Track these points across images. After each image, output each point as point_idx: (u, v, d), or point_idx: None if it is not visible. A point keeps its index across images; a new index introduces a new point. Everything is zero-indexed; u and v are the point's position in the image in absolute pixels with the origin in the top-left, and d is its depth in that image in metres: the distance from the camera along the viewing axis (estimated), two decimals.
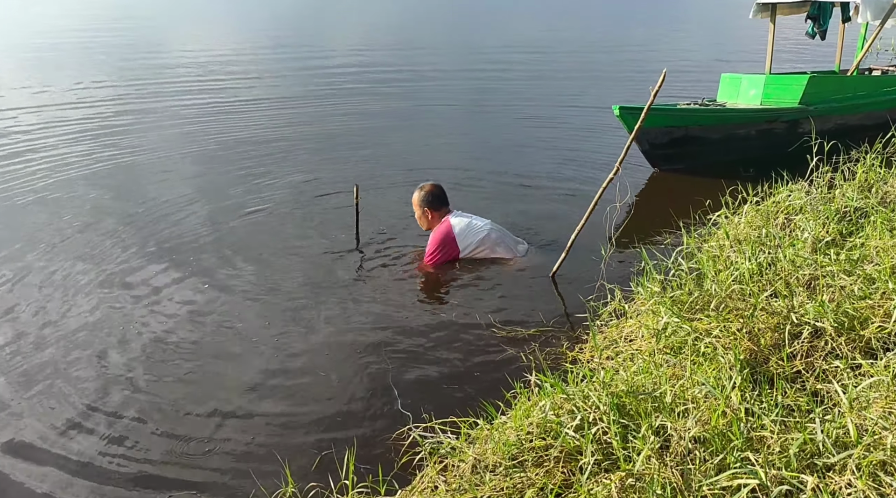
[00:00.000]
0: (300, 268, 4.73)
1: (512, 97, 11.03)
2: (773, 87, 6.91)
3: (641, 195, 6.22)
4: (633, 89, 10.57)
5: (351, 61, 15.34)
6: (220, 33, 22.15)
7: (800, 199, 4.60)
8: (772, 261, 3.67)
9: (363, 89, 11.92)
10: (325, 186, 6.41)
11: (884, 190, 4.66)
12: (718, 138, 6.72)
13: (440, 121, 9.50)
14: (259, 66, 15.06)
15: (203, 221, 5.59)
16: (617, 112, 6.24)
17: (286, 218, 5.69)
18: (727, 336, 2.91)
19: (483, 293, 4.35)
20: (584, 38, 18.10)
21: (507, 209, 5.78)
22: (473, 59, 15.28)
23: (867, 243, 3.70)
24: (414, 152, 7.74)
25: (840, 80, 7.33)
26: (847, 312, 2.91)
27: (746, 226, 4.42)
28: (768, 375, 2.77)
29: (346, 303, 4.25)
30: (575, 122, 8.83)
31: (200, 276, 4.64)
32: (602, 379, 2.62)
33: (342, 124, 9.23)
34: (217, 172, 7.02)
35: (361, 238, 5.11)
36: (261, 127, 9.11)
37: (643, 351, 3.14)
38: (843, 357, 2.71)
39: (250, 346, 3.80)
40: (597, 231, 4.63)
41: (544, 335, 3.80)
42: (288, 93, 11.77)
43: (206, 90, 11.98)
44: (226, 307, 4.22)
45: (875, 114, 7.03)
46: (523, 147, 7.85)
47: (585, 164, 6.96)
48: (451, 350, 3.72)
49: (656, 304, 3.35)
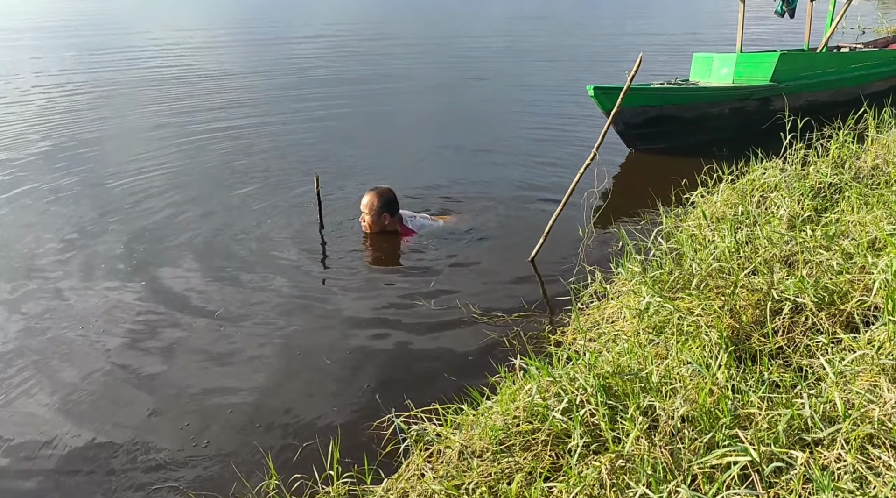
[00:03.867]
0: (271, 263, 4.63)
1: (483, 82, 10.95)
2: (744, 66, 6.94)
3: (618, 176, 6.22)
4: (605, 71, 10.57)
5: (320, 50, 15.12)
6: (188, 27, 21.67)
7: (774, 177, 4.62)
8: (749, 238, 3.68)
9: (330, 78, 11.75)
10: (290, 180, 6.29)
11: (857, 165, 4.70)
12: (692, 117, 6.74)
13: (409, 110, 9.40)
14: (222, 59, 14.77)
15: (169, 221, 5.47)
16: (591, 92, 6.22)
17: (244, 211, 5.57)
18: (709, 314, 2.91)
19: (462, 279, 4.30)
20: (554, 21, 18.03)
21: (482, 194, 5.74)
22: (443, 44, 15.15)
23: (843, 218, 3.73)
24: (382, 142, 7.65)
25: (810, 58, 7.38)
26: (826, 287, 2.92)
27: (723, 204, 4.44)
28: (751, 352, 2.77)
29: (322, 294, 4.17)
30: (549, 104, 8.79)
31: (173, 272, 4.54)
32: (587, 361, 2.60)
33: (311, 123, 9.08)
34: (181, 176, 6.86)
35: (331, 232, 5.03)
36: (220, 120, 8.92)
37: (626, 332, 3.12)
38: (825, 332, 2.72)
39: (225, 340, 3.72)
40: (575, 214, 4.62)
41: (526, 319, 3.78)
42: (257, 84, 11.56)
43: (174, 86, 11.72)
44: (199, 304, 4.12)
45: (845, 90, 7.11)
46: (497, 131, 7.80)
47: (561, 147, 6.94)
48: (432, 337, 3.67)
49: (637, 284, 3.34)
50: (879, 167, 4.62)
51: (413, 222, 5.03)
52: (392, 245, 4.87)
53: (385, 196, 4.89)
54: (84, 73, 12.47)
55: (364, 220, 4.93)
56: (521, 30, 16.48)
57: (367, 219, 4.91)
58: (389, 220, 4.91)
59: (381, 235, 4.94)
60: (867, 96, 6.16)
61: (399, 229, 4.97)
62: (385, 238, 4.94)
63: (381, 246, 4.88)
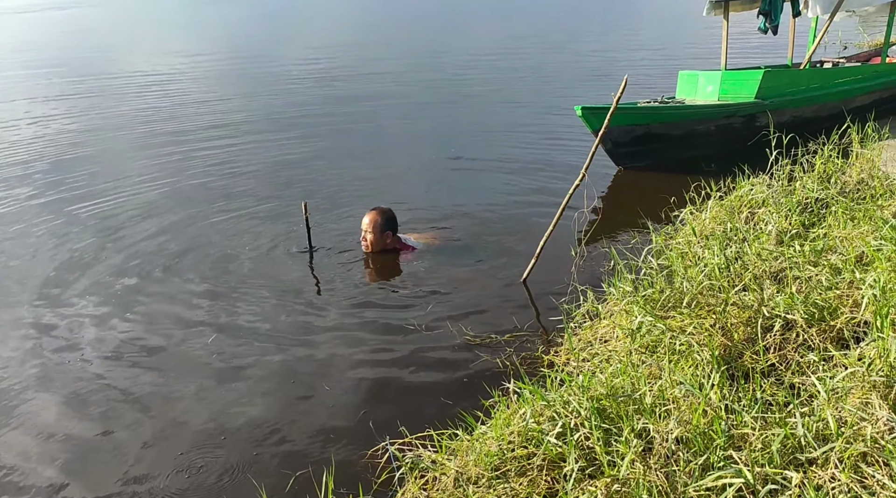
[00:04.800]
0: (263, 289, 4.62)
1: (471, 101, 11.02)
2: (729, 83, 7.02)
3: (608, 195, 6.25)
4: (593, 90, 10.66)
5: (309, 70, 15.20)
6: (173, 52, 21.78)
7: (762, 193, 4.66)
8: (739, 255, 3.70)
9: (318, 98, 11.80)
10: (282, 203, 6.30)
11: (842, 180, 4.75)
12: (679, 134, 6.80)
13: (397, 129, 9.43)
14: (209, 82, 14.82)
15: (158, 247, 5.46)
16: (579, 112, 6.27)
17: (234, 235, 5.56)
18: (701, 332, 2.92)
19: (455, 301, 4.30)
20: (541, 41, 18.21)
21: (473, 216, 5.76)
22: (430, 63, 15.26)
23: (830, 233, 3.77)
24: (370, 164, 7.66)
25: (793, 74, 7.48)
26: (816, 303, 2.94)
27: (712, 221, 4.46)
28: (743, 369, 2.78)
29: (314, 320, 4.16)
30: (537, 123, 8.85)
31: (163, 300, 4.52)
32: (581, 383, 2.60)
33: (300, 144, 9.11)
34: (166, 197, 6.86)
35: (322, 256, 5.04)
36: (212, 149, 8.94)
37: (619, 351, 3.13)
38: (816, 349, 2.74)
39: (218, 368, 3.70)
40: (566, 234, 4.63)
41: (519, 340, 3.77)
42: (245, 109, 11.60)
43: (161, 110, 11.74)
44: (191, 332, 4.10)
45: (829, 105, 7.20)
46: (485, 150, 7.83)
47: (551, 166, 6.97)
48: (426, 361, 3.67)
49: (629, 303, 3.35)
50: (864, 181, 4.67)
51: (411, 243, 5.07)
52: (385, 267, 4.87)
53: (387, 214, 4.96)
54: (68, 99, 12.48)
55: (366, 238, 4.95)
56: (507, 49, 16.63)
57: (369, 238, 4.93)
58: (391, 239, 4.96)
59: (375, 257, 4.95)
60: (850, 111, 6.24)
61: (399, 247, 5.01)
62: (379, 260, 4.94)
63: (375, 268, 4.88)
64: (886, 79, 7.73)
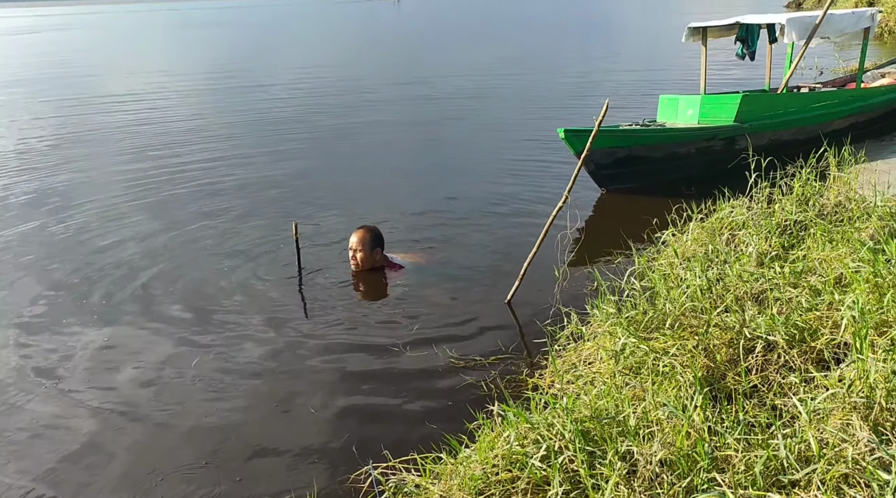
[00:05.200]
0: (244, 308, 4.60)
1: (455, 123, 11.07)
2: (708, 107, 7.13)
3: (591, 217, 6.30)
4: (576, 112, 10.76)
5: (293, 89, 15.23)
6: (155, 72, 21.77)
7: (742, 215, 4.72)
8: (720, 276, 3.74)
9: (298, 121, 11.81)
10: (268, 224, 6.28)
11: (820, 203, 4.83)
12: (661, 157, 6.88)
13: (380, 150, 9.45)
14: (192, 103, 14.81)
15: (144, 268, 5.41)
16: (562, 135, 6.34)
17: (220, 255, 5.54)
18: (684, 354, 2.93)
19: (440, 322, 4.30)
20: (526, 63, 18.42)
21: (458, 236, 5.77)
22: (416, 84, 15.35)
23: (809, 255, 3.82)
24: (354, 184, 7.67)
25: (771, 98, 7.62)
26: (797, 325, 2.97)
27: (693, 243, 4.51)
28: (726, 390, 2.80)
29: (299, 342, 4.14)
30: (521, 145, 8.90)
31: (147, 321, 4.48)
32: (565, 405, 2.60)
33: (284, 164, 9.11)
34: (149, 218, 6.81)
35: (304, 275, 5.02)
36: (195, 165, 8.91)
37: (603, 373, 3.13)
38: (797, 370, 2.76)
39: (202, 390, 3.66)
40: (550, 255, 4.65)
41: (503, 363, 3.77)
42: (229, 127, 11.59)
43: (144, 131, 11.70)
44: (176, 354, 4.07)
45: (806, 129, 7.32)
46: (470, 171, 7.88)
47: (535, 187, 7.02)
48: (410, 383, 3.65)
49: (613, 325, 3.37)
50: (842, 204, 4.75)
51: (395, 261, 5.08)
52: (371, 287, 4.88)
53: (374, 232, 5.01)
54: (49, 119, 12.40)
55: (355, 257, 4.95)
56: (492, 70, 16.79)
57: (359, 256, 4.93)
58: (380, 256, 4.99)
59: (362, 276, 4.95)
60: (827, 135, 6.35)
61: (386, 264, 5.02)
62: (366, 279, 4.93)
63: (361, 288, 4.87)
64: (862, 103, 7.90)
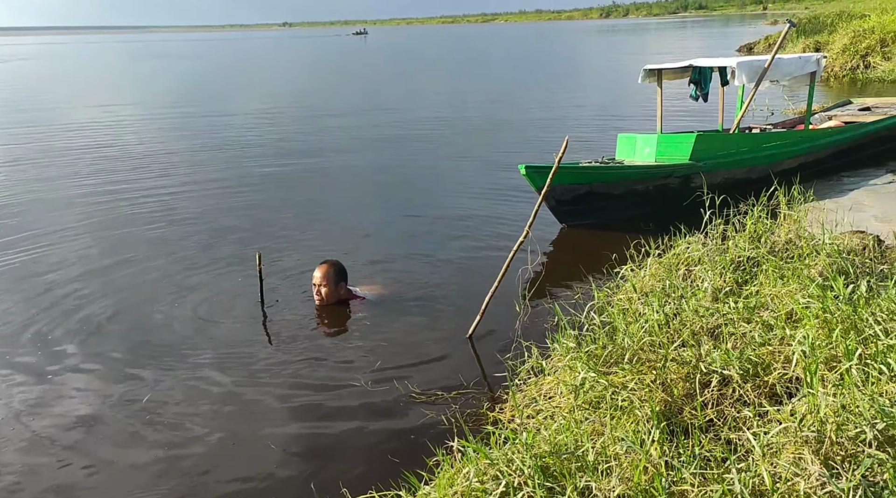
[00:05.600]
0: (202, 341, 4.52)
1: (417, 159, 11.15)
2: (665, 146, 7.34)
3: (552, 252, 6.38)
4: (538, 148, 10.95)
5: (251, 125, 15.18)
6: (113, 98, 21.52)
7: (698, 251, 4.83)
8: (677, 311, 3.81)
9: (261, 152, 11.77)
10: (229, 255, 6.21)
11: (772, 240, 4.97)
12: (620, 194, 7.03)
13: (344, 181, 9.47)
14: (148, 130, 14.65)
15: (96, 298, 5.28)
16: (523, 171, 6.44)
17: (182, 288, 5.44)
18: (642, 388, 2.97)
19: (402, 356, 4.27)
20: (489, 99, 18.74)
21: (420, 269, 5.78)
22: (378, 118, 15.45)
23: (762, 291, 3.92)
24: (317, 215, 7.65)
25: (724, 138, 7.88)
26: (751, 359, 3.04)
27: (651, 278, 4.59)
28: (683, 425, 2.83)
29: (256, 378, 4.06)
30: (484, 180, 9.01)
31: (100, 353, 4.35)
32: (524, 440, 2.59)
33: (246, 193, 9.04)
34: (103, 247, 6.68)
35: (270, 309, 4.97)
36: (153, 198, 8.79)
37: (563, 408, 3.15)
38: (751, 404, 2.81)
39: (156, 426, 3.56)
40: (511, 290, 4.69)
41: (464, 397, 3.76)
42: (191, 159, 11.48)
43: (101, 160, 11.51)
44: (128, 388, 3.95)
45: (758, 168, 7.57)
46: (432, 206, 7.92)
47: (497, 222, 7.09)
48: (371, 419, 3.61)
49: (573, 359, 3.39)
50: (792, 241, 4.90)
51: (358, 294, 5.07)
52: (334, 321, 4.84)
53: (337, 266, 5.00)
54: (3, 148, 12.12)
55: (320, 292, 4.92)
56: (455, 105, 17.04)
57: (323, 291, 4.90)
58: (344, 290, 4.98)
59: (324, 310, 4.91)
60: (777, 174, 6.58)
61: (349, 297, 5.02)
62: (328, 313, 4.90)
63: (324, 322, 4.83)
64: (810, 144, 8.22)
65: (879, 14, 23.69)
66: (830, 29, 24.83)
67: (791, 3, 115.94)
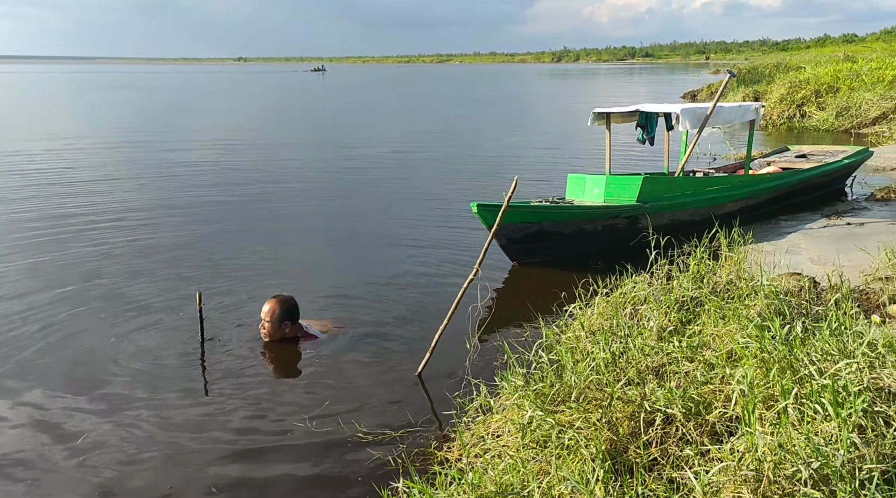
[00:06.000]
0: (140, 381, 4.37)
1: (368, 195, 11.14)
2: (613, 187, 7.54)
3: (502, 289, 6.42)
4: (491, 186, 11.10)
5: (207, 154, 15.00)
6: (60, 129, 21.02)
7: (644, 290, 4.94)
8: (623, 350, 3.87)
9: (213, 182, 11.62)
10: (170, 290, 6.06)
11: (714, 280, 5.12)
12: (569, 233, 7.16)
13: (295, 217, 9.40)
14: (94, 161, 14.33)
15: (26, 333, 5.07)
16: (475, 209, 6.51)
17: (126, 325, 5.28)
18: (588, 427, 2.99)
19: (349, 396, 4.21)
20: (442, 139, 18.98)
21: (371, 305, 5.74)
22: (331, 154, 15.47)
23: (704, 330, 4.02)
24: (267, 251, 7.55)
25: (669, 181, 8.14)
26: (693, 398, 3.09)
27: (599, 317, 4.66)
28: (628, 464, 2.85)
29: (192, 419, 3.94)
30: (436, 217, 9.06)
31: (31, 393, 4.16)
32: (471, 480, 2.58)
33: (193, 229, 8.88)
34: (37, 279, 6.45)
35: (208, 346, 4.84)
36: (100, 233, 8.56)
37: (510, 447, 3.14)
38: (693, 443, 2.86)
39: (87, 471, 3.40)
40: (461, 327, 4.69)
41: (412, 436, 3.72)
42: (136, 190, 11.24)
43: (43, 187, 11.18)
44: (61, 430, 3.78)
45: (701, 211, 7.83)
46: (384, 242, 7.90)
47: (449, 259, 7.12)
48: (315, 460, 3.53)
49: (520, 397, 3.40)
50: (733, 282, 5.06)
51: (309, 331, 5.00)
52: (282, 359, 4.75)
53: (287, 303, 4.88)
54: None
55: (264, 326, 4.83)
56: (408, 144, 17.17)
57: (266, 326, 4.83)
58: (290, 328, 4.88)
59: (273, 347, 4.82)
60: (719, 217, 6.81)
61: (299, 335, 4.93)
62: (277, 350, 4.81)
63: (272, 360, 4.73)
64: (750, 189, 8.55)
65: (814, 66, 25.12)
66: (768, 79, 26.18)
67: (732, 53, 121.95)
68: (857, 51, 34.28)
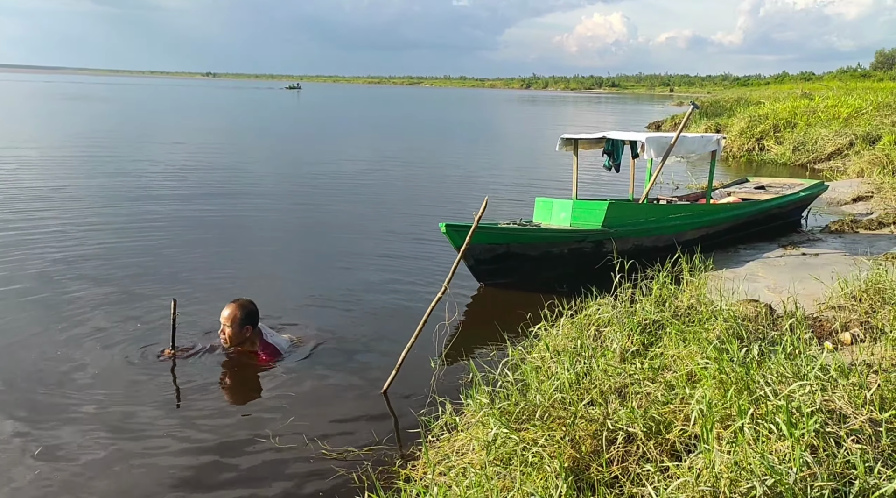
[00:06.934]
0: (100, 393, 4.29)
1: (339, 213, 11.17)
2: (579, 211, 7.68)
3: (469, 309, 6.47)
4: (459, 206, 11.21)
5: (177, 168, 14.84)
6: (22, 139, 20.58)
7: (608, 313, 5.04)
8: (587, 370, 3.94)
9: (182, 194, 11.51)
10: (136, 300, 5.98)
11: (675, 304, 5.25)
12: (536, 255, 7.27)
13: (264, 233, 9.35)
14: (57, 171, 14.07)
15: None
16: (444, 229, 6.57)
17: (80, 334, 5.19)
18: (552, 444, 3.03)
19: (314, 412, 4.19)
20: (412, 160, 19.09)
21: (338, 320, 5.73)
22: (299, 171, 15.44)
23: (665, 352, 4.12)
24: (234, 264, 7.49)
25: (634, 207, 8.33)
26: (654, 417, 3.17)
27: (564, 338, 4.74)
28: (590, 481, 2.90)
29: (154, 433, 3.88)
30: (405, 235, 9.11)
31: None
32: (435, 495, 2.59)
33: (161, 246, 8.77)
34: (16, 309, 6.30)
35: (178, 358, 4.79)
36: (67, 249, 8.39)
37: (475, 464, 3.16)
38: (653, 460, 2.92)
39: (43, 485, 3.31)
40: (427, 345, 4.72)
41: (377, 454, 3.71)
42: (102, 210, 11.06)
43: None
44: (19, 443, 3.68)
45: (664, 237, 8.03)
46: (350, 266, 7.90)
47: (417, 278, 7.16)
48: (278, 477, 3.50)
49: (485, 415, 3.43)
50: (693, 306, 5.20)
51: (272, 338, 4.95)
52: (246, 374, 4.69)
53: (247, 308, 4.84)
54: None
55: (224, 332, 4.78)
56: (380, 163, 17.23)
57: (227, 331, 4.78)
58: (251, 333, 4.84)
59: (237, 361, 4.77)
60: (681, 243, 7.00)
61: (259, 348, 4.86)
62: (241, 364, 4.76)
63: (235, 374, 4.67)
64: (711, 217, 8.80)
65: (773, 102, 26.01)
66: (729, 113, 27.00)
67: (695, 86, 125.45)
68: (814, 88, 35.54)
